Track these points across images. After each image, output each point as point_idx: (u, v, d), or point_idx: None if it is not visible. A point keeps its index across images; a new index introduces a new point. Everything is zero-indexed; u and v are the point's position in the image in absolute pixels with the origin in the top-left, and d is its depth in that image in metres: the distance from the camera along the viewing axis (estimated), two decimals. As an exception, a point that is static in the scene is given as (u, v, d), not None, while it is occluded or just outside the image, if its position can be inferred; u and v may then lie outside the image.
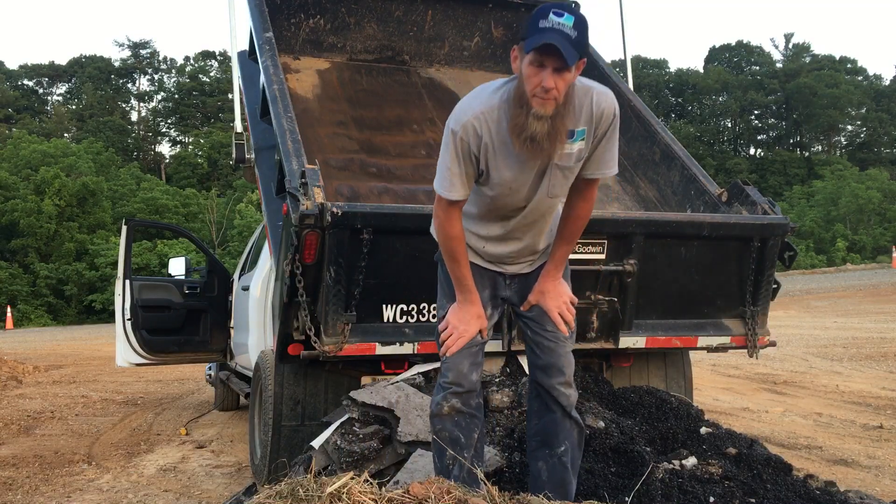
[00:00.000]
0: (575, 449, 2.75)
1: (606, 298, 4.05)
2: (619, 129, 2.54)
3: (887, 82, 65.14)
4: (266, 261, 5.19)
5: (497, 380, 3.94)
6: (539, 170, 2.49)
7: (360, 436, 3.44)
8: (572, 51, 2.26)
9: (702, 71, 66.00)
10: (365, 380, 4.21)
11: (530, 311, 2.73)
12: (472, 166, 2.47)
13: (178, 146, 63.39)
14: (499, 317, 2.84)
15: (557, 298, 2.69)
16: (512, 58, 2.43)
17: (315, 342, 3.65)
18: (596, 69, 5.68)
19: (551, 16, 2.27)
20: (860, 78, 64.82)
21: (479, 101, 2.45)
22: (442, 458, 2.61)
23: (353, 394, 3.67)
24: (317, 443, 3.59)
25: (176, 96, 64.04)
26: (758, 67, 65.87)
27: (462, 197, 2.50)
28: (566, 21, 2.27)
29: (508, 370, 4.07)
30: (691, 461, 3.33)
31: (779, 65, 65.58)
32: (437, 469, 2.65)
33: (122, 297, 6.79)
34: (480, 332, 2.65)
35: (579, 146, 2.47)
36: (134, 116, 65.25)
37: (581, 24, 2.30)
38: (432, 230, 2.71)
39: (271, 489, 2.27)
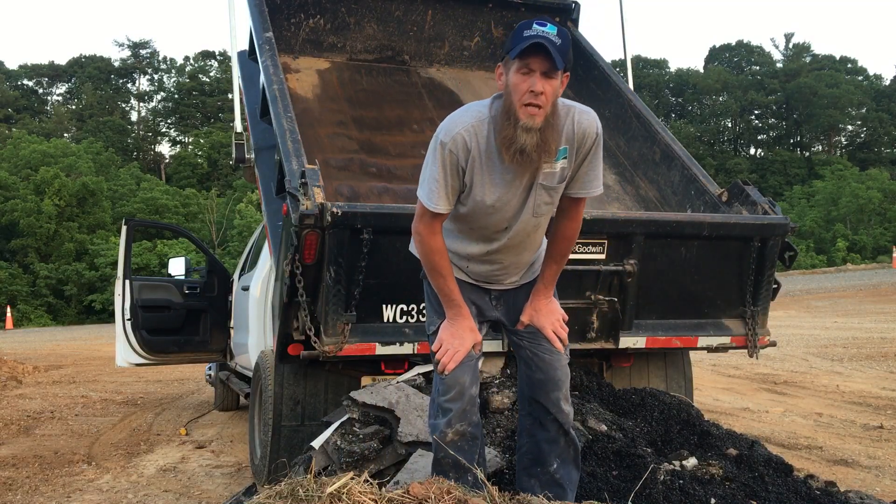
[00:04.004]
0: (570, 466, 2.72)
1: (606, 298, 4.05)
2: (602, 149, 2.52)
3: (887, 82, 65.14)
4: (266, 261, 5.19)
5: (497, 381, 3.94)
6: (524, 189, 2.48)
7: (361, 436, 3.44)
8: (558, 55, 2.30)
9: (702, 71, 65.99)
10: (365, 380, 4.21)
11: (524, 328, 2.71)
12: (458, 180, 2.46)
13: (178, 146, 63.39)
14: (487, 329, 2.81)
15: (550, 316, 2.66)
16: (497, 75, 2.45)
17: (315, 342, 3.65)
18: (596, 69, 5.69)
19: (535, 26, 2.34)
20: (860, 78, 64.78)
21: (469, 115, 2.46)
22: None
23: (353, 394, 3.66)
24: (317, 443, 3.59)
25: (176, 96, 64.00)
26: (758, 67, 65.85)
27: (446, 210, 2.49)
28: (549, 30, 2.33)
29: (508, 371, 4.07)
30: (692, 462, 3.33)
31: (779, 65, 65.56)
32: None
33: (121, 297, 6.78)
34: (474, 346, 2.61)
35: (562, 165, 2.47)
36: (134, 116, 65.29)
37: (564, 35, 2.34)
38: (412, 248, 2.69)
39: (271, 489, 2.26)
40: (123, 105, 65.13)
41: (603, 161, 5.62)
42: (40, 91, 66.18)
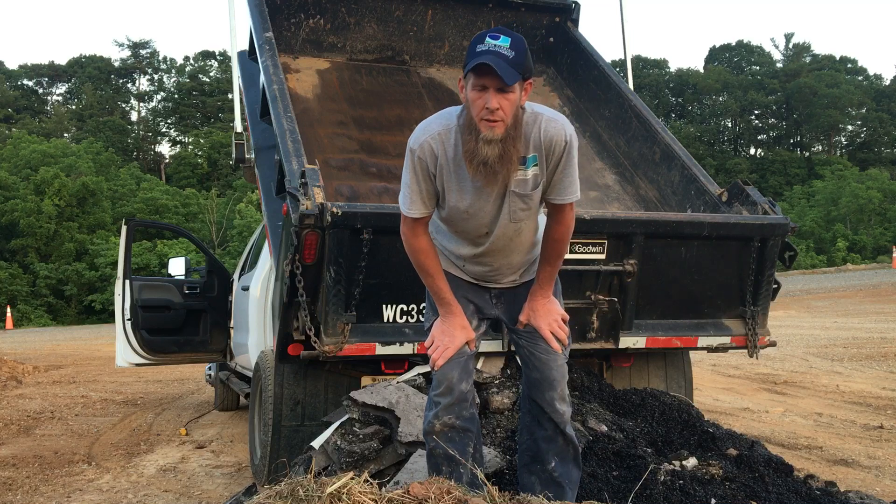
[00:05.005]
0: (569, 465, 2.73)
1: (606, 298, 4.04)
2: (576, 155, 2.52)
3: (887, 82, 65.08)
4: (266, 261, 5.19)
5: (497, 381, 3.94)
6: (497, 196, 2.50)
7: (360, 436, 3.44)
8: (510, 70, 2.29)
9: (702, 71, 65.96)
10: (365, 380, 4.21)
11: (523, 328, 2.73)
12: (430, 184, 2.51)
13: (178, 146, 63.37)
14: (486, 327, 2.83)
15: (548, 316, 2.67)
16: (459, 89, 2.47)
17: (315, 342, 3.65)
18: (596, 69, 5.69)
19: (487, 39, 2.34)
20: (860, 78, 64.75)
21: (438, 123, 2.50)
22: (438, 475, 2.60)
23: (353, 394, 3.66)
24: (317, 443, 3.59)
25: (176, 96, 63.96)
26: (758, 67, 65.81)
27: (421, 214, 2.54)
28: (502, 43, 2.32)
29: (508, 371, 4.07)
30: (692, 462, 3.33)
31: (779, 65, 65.54)
32: None
33: (122, 297, 6.78)
34: (468, 343, 2.64)
35: (534, 172, 2.48)
36: (134, 116, 65.24)
37: (518, 45, 2.34)
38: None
39: (271, 489, 2.26)
40: (123, 105, 65.11)
41: (603, 161, 5.65)
42: (40, 91, 66.18)
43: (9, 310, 30.38)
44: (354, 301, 3.70)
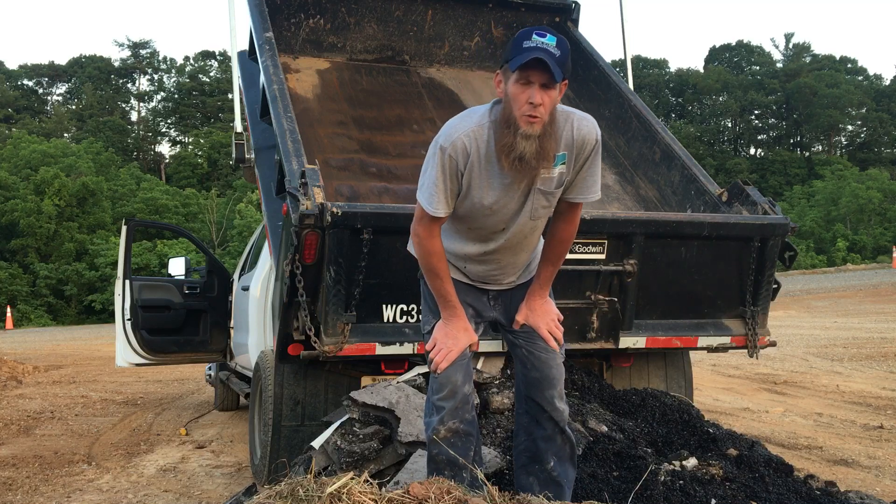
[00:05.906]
0: (567, 465, 2.74)
1: (606, 298, 4.04)
2: (601, 154, 2.56)
3: (887, 82, 65.08)
4: (266, 261, 5.19)
5: (497, 381, 3.94)
6: (522, 193, 2.51)
7: (361, 436, 3.44)
8: (557, 68, 2.33)
9: (702, 71, 65.97)
10: (365, 380, 4.21)
11: (520, 328, 2.74)
12: (457, 184, 2.50)
13: (178, 146, 63.39)
14: (483, 329, 2.84)
15: (545, 316, 2.69)
16: (496, 82, 2.48)
17: (315, 342, 3.66)
18: (596, 69, 5.69)
19: (535, 36, 2.36)
20: (860, 78, 64.75)
21: (470, 121, 2.49)
22: None
23: (353, 394, 3.66)
24: (317, 443, 3.59)
25: (176, 96, 63.97)
26: (758, 67, 65.82)
27: (445, 213, 2.53)
28: (549, 41, 2.35)
29: (508, 371, 4.07)
30: (692, 462, 3.33)
31: (779, 65, 65.55)
32: None
33: (122, 297, 6.78)
34: (470, 346, 2.65)
35: (560, 170, 2.50)
36: (134, 116, 65.24)
37: (563, 45, 2.37)
38: (410, 248, 2.72)
39: (271, 489, 2.26)
40: (123, 105, 65.11)
41: (603, 161, 5.64)
42: (40, 91, 66.18)
43: (9, 310, 30.38)
44: (354, 301, 3.70)
